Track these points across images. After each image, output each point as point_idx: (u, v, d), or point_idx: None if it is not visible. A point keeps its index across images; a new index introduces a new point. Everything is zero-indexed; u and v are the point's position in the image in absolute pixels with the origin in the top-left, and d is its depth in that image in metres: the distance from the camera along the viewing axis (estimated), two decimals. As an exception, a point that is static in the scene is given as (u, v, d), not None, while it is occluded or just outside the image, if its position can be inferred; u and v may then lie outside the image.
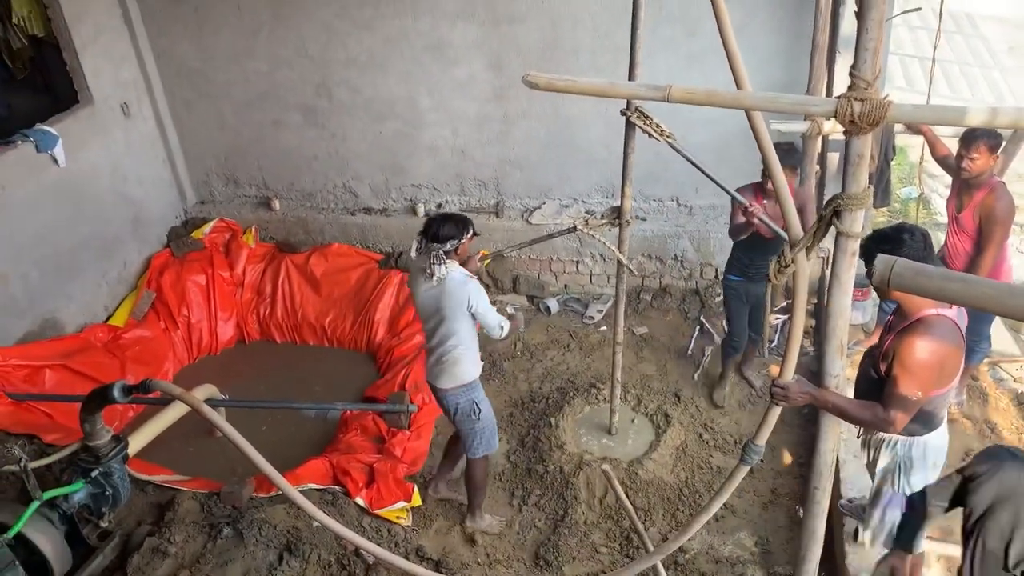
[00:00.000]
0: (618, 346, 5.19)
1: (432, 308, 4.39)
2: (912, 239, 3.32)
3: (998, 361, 5.99)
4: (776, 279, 2.81)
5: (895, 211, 8.09)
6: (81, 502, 3.78)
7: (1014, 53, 12.39)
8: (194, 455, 5.74)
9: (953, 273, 2.01)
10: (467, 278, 4.33)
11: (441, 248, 4.22)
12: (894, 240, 3.32)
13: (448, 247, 4.24)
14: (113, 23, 6.89)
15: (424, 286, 4.35)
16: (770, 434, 3.07)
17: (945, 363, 3.29)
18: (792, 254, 2.70)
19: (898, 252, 3.10)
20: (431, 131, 7.23)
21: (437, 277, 4.24)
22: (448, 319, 4.37)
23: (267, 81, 7.27)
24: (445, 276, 4.25)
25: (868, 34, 2.33)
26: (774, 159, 2.64)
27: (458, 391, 4.58)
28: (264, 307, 7.16)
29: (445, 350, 4.46)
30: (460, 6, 6.60)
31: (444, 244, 4.22)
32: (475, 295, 4.31)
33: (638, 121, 4.26)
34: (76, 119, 6.56)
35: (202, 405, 3.24)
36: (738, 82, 2.61)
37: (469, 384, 4.58)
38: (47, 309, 6.31)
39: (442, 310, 4.35)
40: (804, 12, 6.06)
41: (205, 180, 7.92)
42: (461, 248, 4.33)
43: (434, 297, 4.34)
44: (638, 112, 4.27)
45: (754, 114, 2.65)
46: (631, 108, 4.30)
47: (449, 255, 4.27)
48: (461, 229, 4.29)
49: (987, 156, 4.78)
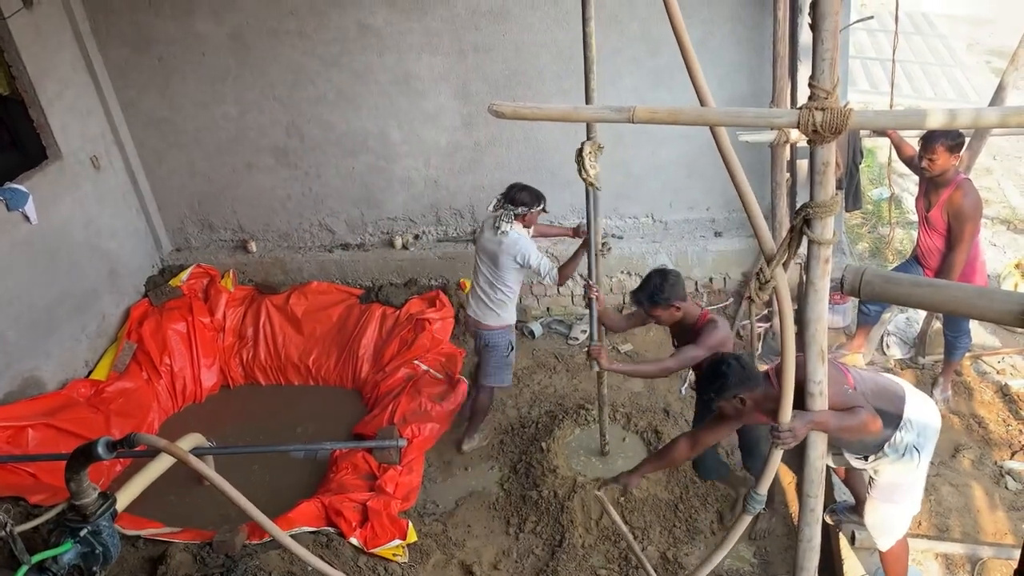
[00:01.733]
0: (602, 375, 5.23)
1: (491, 254, 5.32)
2: (729, 368, 3.58)
3: (980, 355, 6.05)
4: (758, 297, 2.83)
5: (868, 212, 8.18)
6: (71, 563, 3.70)
7: (972, 50, 12.61)
8: (184, 505, 5.67)
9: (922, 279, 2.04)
10: (522, 237, 5.24)
11: (513, 210, 5.17)
12: (716, 374, 3.62)
13: (520, 211, 5.18)
14: (78, 77, 6.88)
15: (488, 234, 5.34)
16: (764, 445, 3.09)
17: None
18: (770, 270, 2.72)
19: (724, 382, 3.54)
20: (403, 163, 7.25)
21: (501, 231, 5.18)
22: (501, 268, 5.30)
23: (236, 125, 7.27)
24: (508, 232, 5.17)
25: (824, 45, 2.36)
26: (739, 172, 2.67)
27: (500, 330, 5.54)
28: (247, 350, 7.11)
29: (494, 293, 5.40)
30: (424, 39, 6.64)
31: (516, 208, 5.17)
32: (527, 250, 5.21)
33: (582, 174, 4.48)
34: (45, 175, 6.52)
35: (188, 456, 3.21)
36: (701, 99, 2.64)
37: (509, 326, 5.59)
38: (26, 368, 6.24)
39: (498, 258, 5.28)
40: (764, 25, 6.16)
41: (180, 227, 7.89)
42: (529, 216, 5.27)
43: (494, 247, 5.28)
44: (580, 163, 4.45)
45: (719, 130, 2.68)
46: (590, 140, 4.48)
47: (517, 218, 5.21)
48: (533, 200, 5.23)
49: (946, 156, 4.86)
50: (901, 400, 3.76)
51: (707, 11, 6.23)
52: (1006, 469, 5.15)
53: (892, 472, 3.85)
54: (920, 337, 6.10)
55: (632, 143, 6.67)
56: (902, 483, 3.88)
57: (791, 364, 2.93)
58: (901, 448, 3.74)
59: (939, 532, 4.77)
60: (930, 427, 3.78)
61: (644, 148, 6.76)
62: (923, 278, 1.99)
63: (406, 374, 6.44)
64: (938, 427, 3.85)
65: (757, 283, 2.80)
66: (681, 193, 7.03)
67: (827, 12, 2.36)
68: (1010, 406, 5.63)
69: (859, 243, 7.78)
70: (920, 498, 4.04)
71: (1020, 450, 5.29)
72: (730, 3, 6.23)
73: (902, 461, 3.78)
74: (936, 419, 3.84)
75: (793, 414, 3.07)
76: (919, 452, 3.76)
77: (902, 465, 3.79)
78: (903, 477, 3.85)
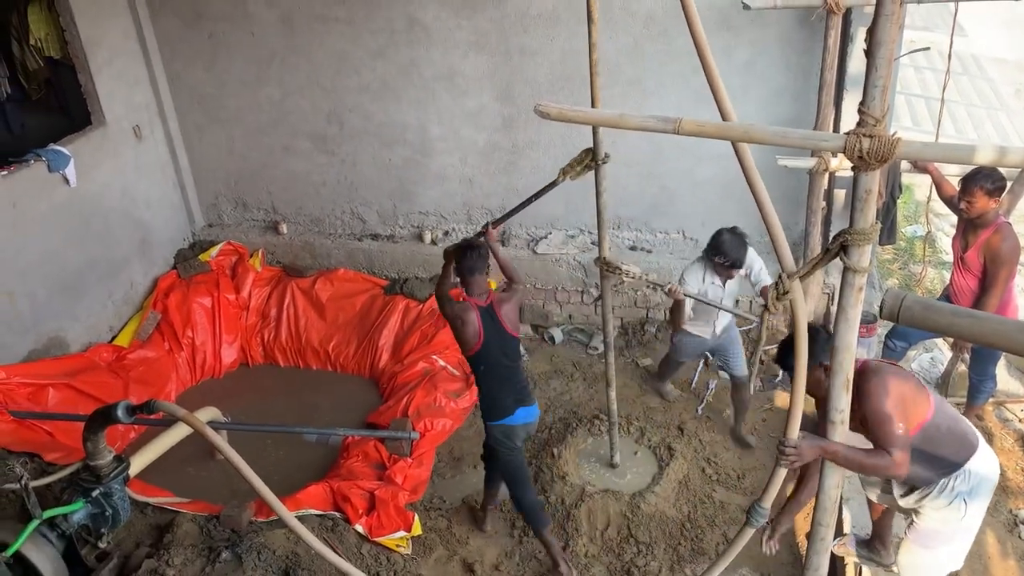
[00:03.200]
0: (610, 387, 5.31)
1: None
2: (819, 335, 3.45)
3: (1004, 402, 5.96)
4: (774, 307, 2.84)
5: (900, 248, 8.11)
6: (80, 522, 3.75)
7: (1020, 95, 12.46)
8: (194, 477, 5.72)
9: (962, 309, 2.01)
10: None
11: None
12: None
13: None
14: (129, 47, 6.98)
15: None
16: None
17: (902, 394, 3.42)
18: (788, 282, 2.71)
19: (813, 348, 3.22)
20: (440, 159, 7.28)
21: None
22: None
23: (278, 108, 7.34)
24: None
25: (877, 72, 2.34)
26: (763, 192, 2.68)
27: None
28: (269, 331, 7.17)
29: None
30: (472, 38, 6.67)
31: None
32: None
33: (609, 273, 4.65)
34: (88, 140, 6.63)
35: (205, 427, 3.24)
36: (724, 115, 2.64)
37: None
38: (52, 328, 6.33)
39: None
40: (812, 50, 6.12)
41: (214, 203, 7.97)
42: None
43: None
44: (607, 264, 4.62)
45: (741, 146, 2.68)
46: (599, 260, 4.72)
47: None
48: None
49: (985, 199, 4.81)
50: (970, 451, 3.66)
51: (757, 32, 6.20)
52: (1021, 519, 5.07)
53: (935, 519, 3.78)
54: (944, 377, 6.03)
55: (670, 158, 6.66)
56: (943, 531, 3.79)
57: (802, 378, 2.91)
58: (951, 495, 3.67)
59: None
60: (987, 481, 3.70)
61: (682, 164, 6.73)
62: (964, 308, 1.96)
63: (423, 368, 6.45)
64: (995, 482, 3.76)
65: (775, 293, 2.80)
66: (714, 213, 6.98)
67: (883, 40, 2.34)
68: (1030, 455, 5.55)
69: (889, 278, 7.70)
70: (962, 554, 3.93)
71: (1036, 501, 5.21)
72: (781, 26, 6.20)
73: (948, 508, 3.70)
74: (995, 474, 3.75)
75: (805, 435, 3.07)
76: (967, 504, 3.68)
77: (947, 513, 3.72)
78: (945, 526, 3.77)
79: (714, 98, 2.63)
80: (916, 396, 3.51)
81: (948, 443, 3.61)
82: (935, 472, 3.64)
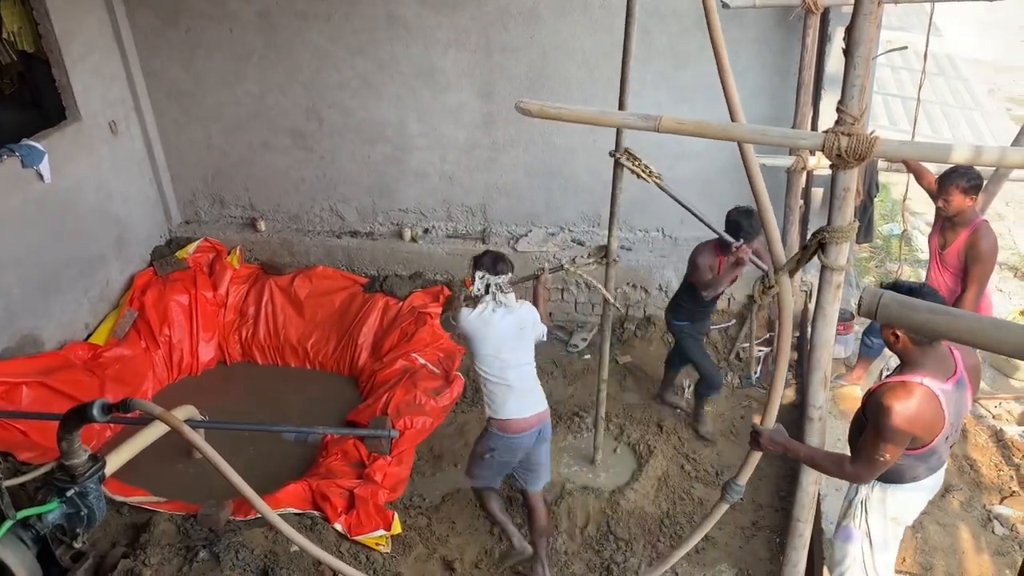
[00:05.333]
0: (603, 383, 5.28)
1: (513, 334, 4.54)
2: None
3: (978, 399, 6.03)
4: (760, 299, 2.88)
5: (877, 247, 8.18)
6: (55, 522, 3.69)
7: (994, 95, 12.62)
8: (171, 476, 5.66)
9: (939, 307, 2.03)
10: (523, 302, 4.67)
11: (503, 278, 4.50)
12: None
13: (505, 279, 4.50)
14: (104, 42, 6.90)
15: (497, 316, 4.48)
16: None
17: (917, 431, 3.22)
18: (776, 276, 2.74)
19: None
20: (420, 156, 7.25)
21: (507, 305, 4.49)
22: (527, 339, 4.61)
23: (257, 104, 7.28)
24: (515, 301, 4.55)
25: (855, 71, 2.37)
26: (762, 190, 2.68)
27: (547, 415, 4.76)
28: (247, 328, 7.11)
29: (530, 371, 4.67)
30: (452, 35, 6.66)
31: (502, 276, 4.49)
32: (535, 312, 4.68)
33: (627, 162, 4.37)
34: (63, 135, 6.54)
35: (182, 426, 3.20)
36: (733, 115, 2.65)
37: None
38: (27, 326, 6.24)
39: (524, 330, 4.57)
40: (790, 50, 6.16)
41: (191, 200, 7.90)
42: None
43: (513, 323, 4.52)
44: (627, 153, 4.37)
45: (746, 147, 2.70)
46: (619, 149, 4.39)
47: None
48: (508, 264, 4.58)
49: (961, 197, 4.87)
50: (914, 480, 3.60)
51: (735, 32, 6.21)
52: (994, 514, 5.14)
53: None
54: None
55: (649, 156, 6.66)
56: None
57: (784, 368, 2.95)
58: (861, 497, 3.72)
59: (923, 570, 4.76)
60: (889, 511, 3.69)
61: (661, 162, 6.63)
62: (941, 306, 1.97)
63: (403, 366, 6.43)
64: (900, 522, 3.78)
65: (762, 286, 2.84)
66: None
67: (862, 39, 2.37)
68: (1003, 451, 5.62)
69: (866, 276, 7.77)
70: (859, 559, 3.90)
71: (1010, 496, 5.28)
72: (759, 26, 6.24)
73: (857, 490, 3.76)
74: (904, 516, 3.78)
75: (777, 428, 3.13)
76: (864, 512, 3.73)
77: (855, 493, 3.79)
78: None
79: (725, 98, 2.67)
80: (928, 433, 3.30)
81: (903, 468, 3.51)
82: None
